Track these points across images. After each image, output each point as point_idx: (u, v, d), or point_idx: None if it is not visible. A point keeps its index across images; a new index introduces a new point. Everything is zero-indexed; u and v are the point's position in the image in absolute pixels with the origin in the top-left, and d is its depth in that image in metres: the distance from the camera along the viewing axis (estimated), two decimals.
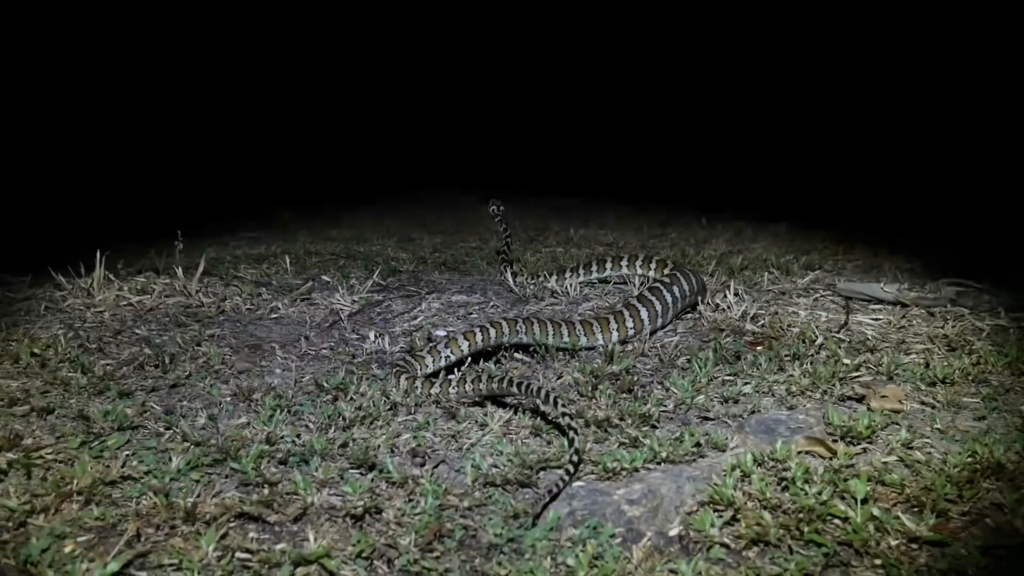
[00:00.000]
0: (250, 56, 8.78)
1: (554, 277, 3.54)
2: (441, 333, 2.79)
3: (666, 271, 3.26)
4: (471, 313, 3.12)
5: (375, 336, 2.69)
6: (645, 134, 9.46)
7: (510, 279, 3.51)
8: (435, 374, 2.33)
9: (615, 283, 3.51)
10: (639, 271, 3.41)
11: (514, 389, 1.97)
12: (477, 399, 2.09)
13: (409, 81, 9.52)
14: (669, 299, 2.78)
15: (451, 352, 2.35)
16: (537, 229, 5.73)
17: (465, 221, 6.16)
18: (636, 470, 1.64)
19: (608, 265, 3.48)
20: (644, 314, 2.66)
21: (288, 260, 3.94)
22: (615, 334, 2.58)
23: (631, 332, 2.60)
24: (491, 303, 3.25)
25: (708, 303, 2.98)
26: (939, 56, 7.13)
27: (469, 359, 2.38)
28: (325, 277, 3.72)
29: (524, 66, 9.64)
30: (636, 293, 2.97)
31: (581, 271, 3.51)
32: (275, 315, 3.06)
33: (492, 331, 2.40)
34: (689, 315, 2.96)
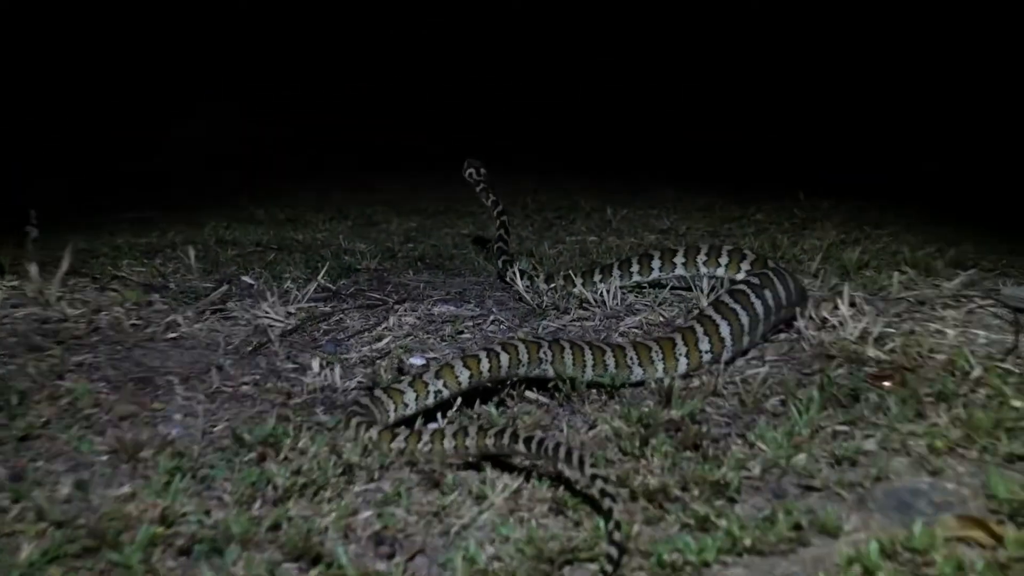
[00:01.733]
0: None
1: (583, 278, 3.55)
2: (418, 361, 2.79)
3: (748, 267, 3.27)
4: (462, 332, 3.12)
5: (320, 365, 2.70)
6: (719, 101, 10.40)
7: (518, 281, 3.52)
8: (413, 418, 2.33)
9: (673, 288, 3.52)
10: (705, 270, 3.43)
11: (521, 446, 1.97)
12: (470, 459, 2.09)
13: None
14: (760, 309, 2.78)
15: (444, 385, 2.36)
16: (560, 209, 5.74)
17: (455, 197, 6.18)
18: (706, 564, 1.62)
19: (659, 261, 3.50)
20: (725, 330, 2.68)
21: (192, 253, 3.96)
22: (682, 362, 2.60)
23: (706, 357, 2.63)
24: (491, 317, 3.26)
25: (811, 317, 2.97)
26: None
27: (459, 398, 2.40)
28: (247, 278, 3.74)
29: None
30: (710, 299, 2.97)
31: (623, 270, 3.54)
32: (173, 334, 3.07)
33: (504, 357, 2.42)
34: (783, 335, 2.97)
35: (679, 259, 3.48)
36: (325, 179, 7.38)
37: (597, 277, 3.54)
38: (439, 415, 2.38)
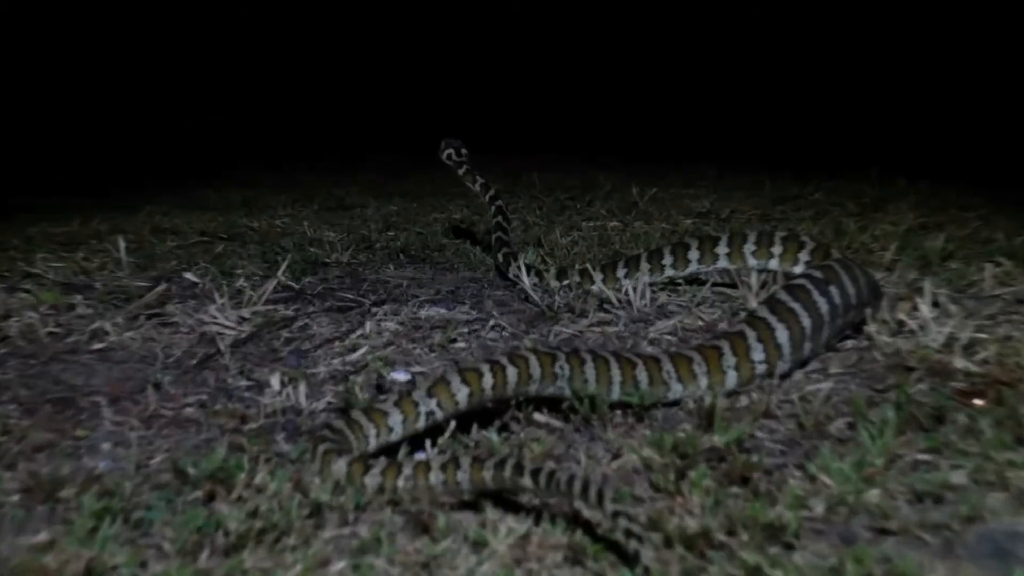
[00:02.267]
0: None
1: (603, 273, 3.56)
2: (402, 376, 2.80)
3: (808, 259, 3.27)
4: (455, 340, 3.12)
5: (282, 383, 2.71)
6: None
7: (524, 278, 3.53)
8: (398, 446, 2.33)
9: (715, 285, 3.52)
10: (754, 262, 3.43)
11: (527, 480, 1.96)
12: (465, 497, 2.08)
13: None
14: (824, 309, 2.77)
15: (438, 404, 2.37)
16: (573, 189, 5.74)
17: (444, 178, 6.16)
18: None
19: (697, 252, 3.51)
20: (783, 335, 2.68)
21: (123, 245, 3.94)
22: (731, 375, 2.61)
23: (760, 369, 2.64)
24: (491, 322, 3.26)
25: (884, 319, 2.97)
26: None
27: (453, 422, 2.39)
28: (190, 275, 3.73)
29: None
30: (762, 298, 2.98)
31: (652, 262, 3.55)
32: (99, 344, 3.07)
33: (512, 371, 2.42)
34: (850, 342, 2.97)
35: (722, 249, 3.48)
36: (298, 160, 7.44)
37: (621, 272, 3.56)
38: (428, 443, 2.37)
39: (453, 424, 2.39)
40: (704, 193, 5.50)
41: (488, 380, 2.39)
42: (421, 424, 2.35)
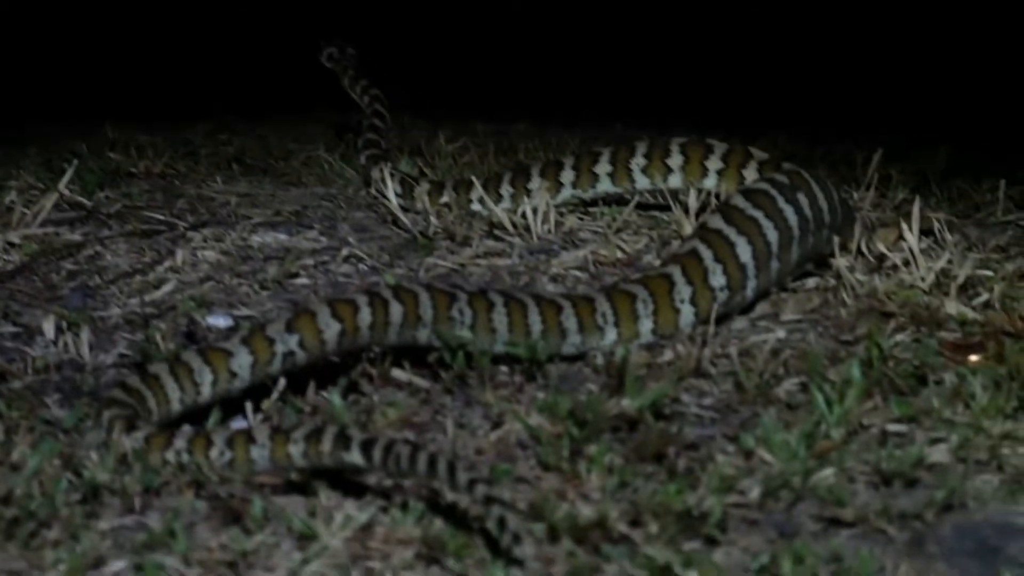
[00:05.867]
0: None
1: (486, 188, 3.58)
2: (221, 321, 2.84)
3: (755, 175, 3.30)
4: (296, 275, 3.11)
5: (57, 328, 2.73)
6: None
7: (390, 190, 3.54)
8: (208, 410, 2.30)
9: (639, 207, 3.55)
10: (682, 179, 3.47)
11: (355, 456, 1.96)
12: (293, 477, 2.08)
13: None
14: (793, 220, 2.83)
15: (300, 343, 2.39)
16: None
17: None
18: None
19: (608, 161, 3.55)
20: (746, 255, 2.74)
21: None
22: (686, 311, 2.68)
23: (721, 299, 2.73)
24: (345, 251, 3.26)
25: (858, 250, 3.03)
26: None
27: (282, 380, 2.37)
28: None
29: None
30: (711, 209, 3.01)
31: (547, 177, 3.59)
32: None
33: (397, 308, 2.46)
34: (811, 279, 3.02)
35: (632, 160, 3.53)
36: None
37: (506, 188, 3.59)
38: (250, 408, 2.34)
39: (283, 383, 2.37)
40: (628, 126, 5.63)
41: (366, 316, 2.39)
42: (276, 367, 2.35)
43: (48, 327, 2.69)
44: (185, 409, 2.31)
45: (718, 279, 2.71)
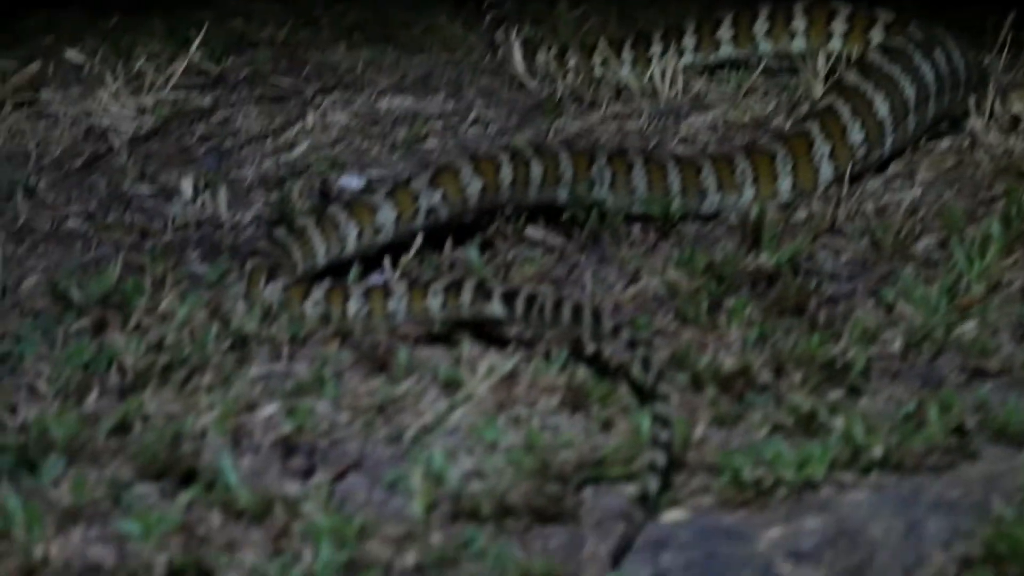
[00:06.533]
0: None
1: (623, 54, 3.53)
2: (354, 182, 2.82)
3: (881, 37, 3.21)
4: (425, 137, 3.12)
5: (195, 188, 2.74)
6: None
7: (515, 53, 3.50)
8: (349, 265, 2.33)
9: (760, 70, 3.47)
10: (806, 43, 3.38)
11: (497, 308, 1.99)
12: (435, 329, 2.11)
13: None
14: (929, 76, 2.80)
15: (443, 198, 2.42)
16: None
17: None
18: (811, 485, 1.63)
19: (730, 28, 3.48)
20: (883, 110, 2.73)
21: None
22: (826, 168, 2.67)
23: (860, 155, 2.73)
24: (472, 115, 3.25)
25: (991, 112, 2.94)
26: None
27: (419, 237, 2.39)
28: (73, 53, 3.64)
29: None
30: (847, 68, 2.98)
31: (682, 42, 3.51)
32: None
33: (537, 167, 2.46)
34: (944, 140, 2.97)
35: (755, 27, 3.44)
36: None
37: (627, 53, 3.52)
38: (387, 261, 2.37)
39: (420, 239, 2.40)
40: None
41: (507, 173, 2.42)
42: (420, 222, 2.39)
43: (186, 186, 2.73)
44: (330, 262, 2.36)
45: (856, 135, 2.70)
